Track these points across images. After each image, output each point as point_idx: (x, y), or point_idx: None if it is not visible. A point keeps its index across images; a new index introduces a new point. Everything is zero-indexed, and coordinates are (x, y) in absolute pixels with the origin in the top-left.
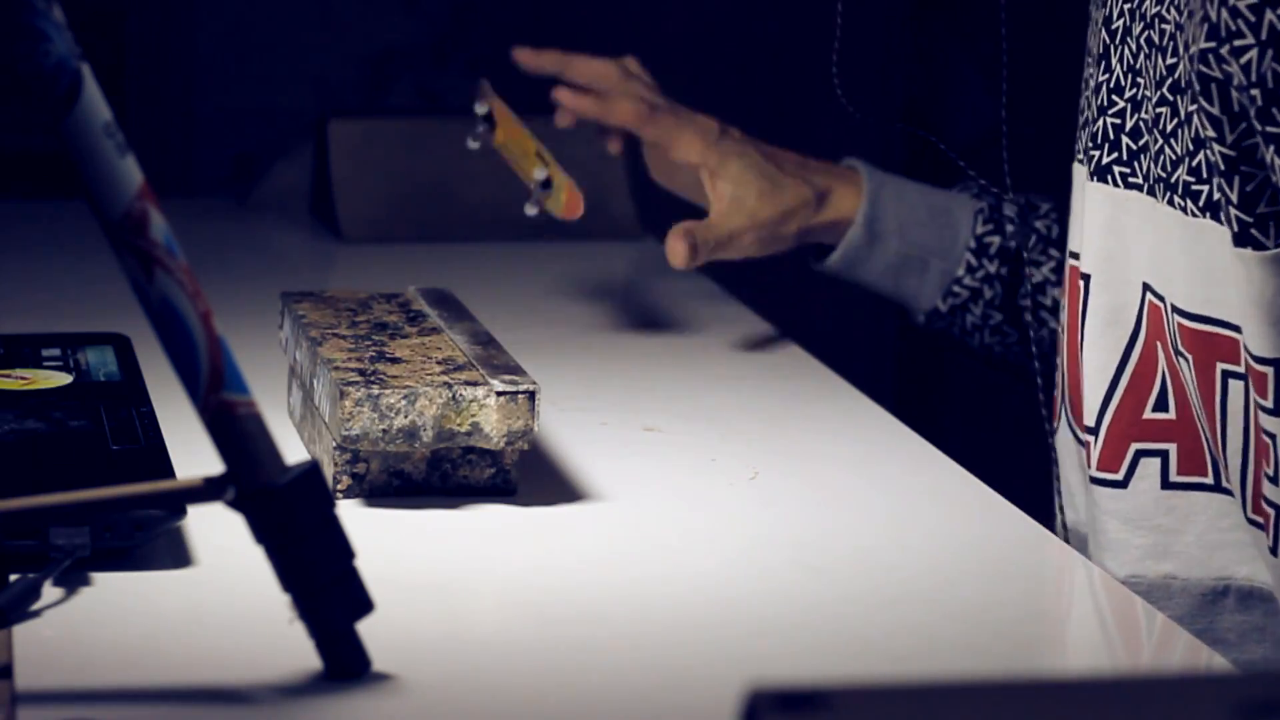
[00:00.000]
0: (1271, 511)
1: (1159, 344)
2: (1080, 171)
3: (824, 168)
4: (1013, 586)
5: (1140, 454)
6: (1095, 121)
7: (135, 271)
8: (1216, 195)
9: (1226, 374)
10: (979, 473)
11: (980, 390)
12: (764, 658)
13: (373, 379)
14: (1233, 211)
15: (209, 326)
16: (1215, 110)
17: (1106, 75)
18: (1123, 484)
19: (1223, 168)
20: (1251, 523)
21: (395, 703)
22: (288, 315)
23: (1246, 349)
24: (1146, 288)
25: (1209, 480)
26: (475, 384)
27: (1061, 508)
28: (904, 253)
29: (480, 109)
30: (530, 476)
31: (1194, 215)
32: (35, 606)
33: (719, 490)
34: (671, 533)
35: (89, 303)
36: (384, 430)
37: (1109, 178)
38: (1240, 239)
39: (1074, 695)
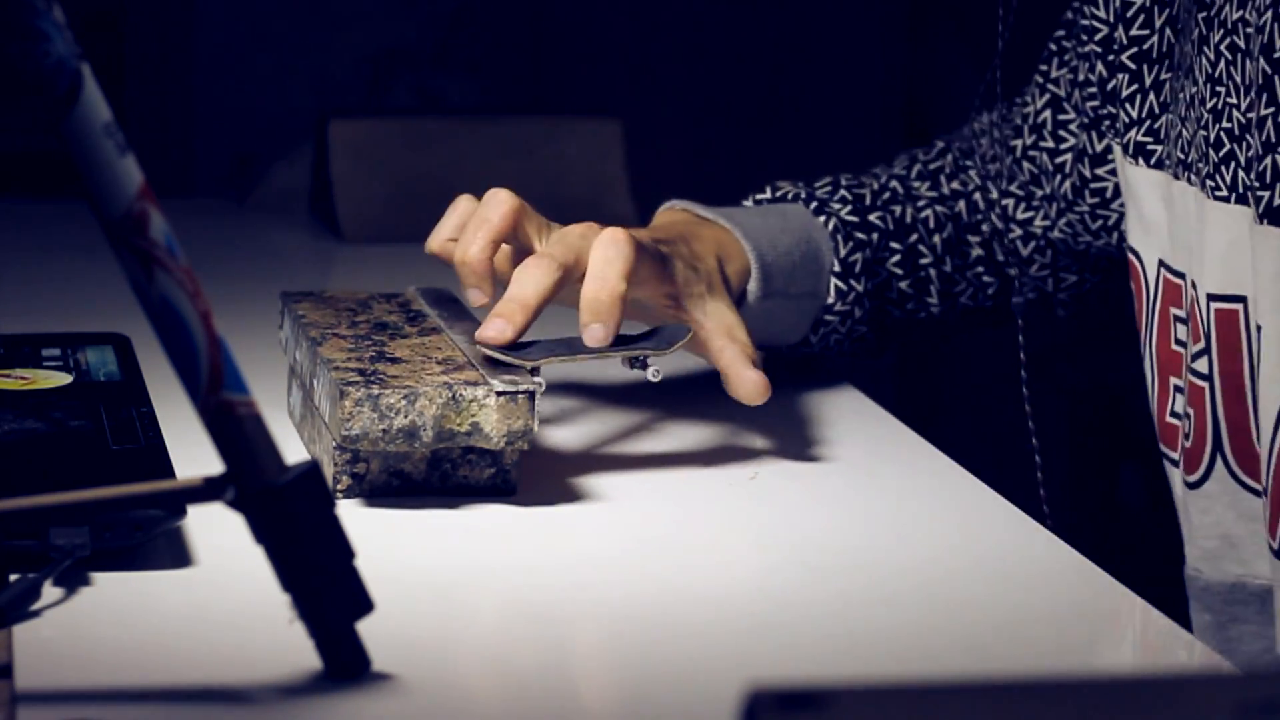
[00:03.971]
0: None
1: None
2: (1193, 195)
3: (687, 233)
4: (1013, 586)
5: None
6: (1261, 155)
7: (135, 271)
8: None
9: None
10: (978, 473)
11: (980, 391)
12: (764, 658)
13: (373, 379)
14: None
15: (209, 326)
16: None
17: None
18: None
19: None
20: None
21: (395, 703)
22: (288, 315)
23: None
24: None
25: None
26: (475, 384)
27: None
28: (785, 304)
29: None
30: (530, 476)
31: None
32: (35, 606)
33: (719, 490)
34: (671, 533)
35: (89, 303)
36: (384, 430)
37: None
38: None
39: (1074, 695)
